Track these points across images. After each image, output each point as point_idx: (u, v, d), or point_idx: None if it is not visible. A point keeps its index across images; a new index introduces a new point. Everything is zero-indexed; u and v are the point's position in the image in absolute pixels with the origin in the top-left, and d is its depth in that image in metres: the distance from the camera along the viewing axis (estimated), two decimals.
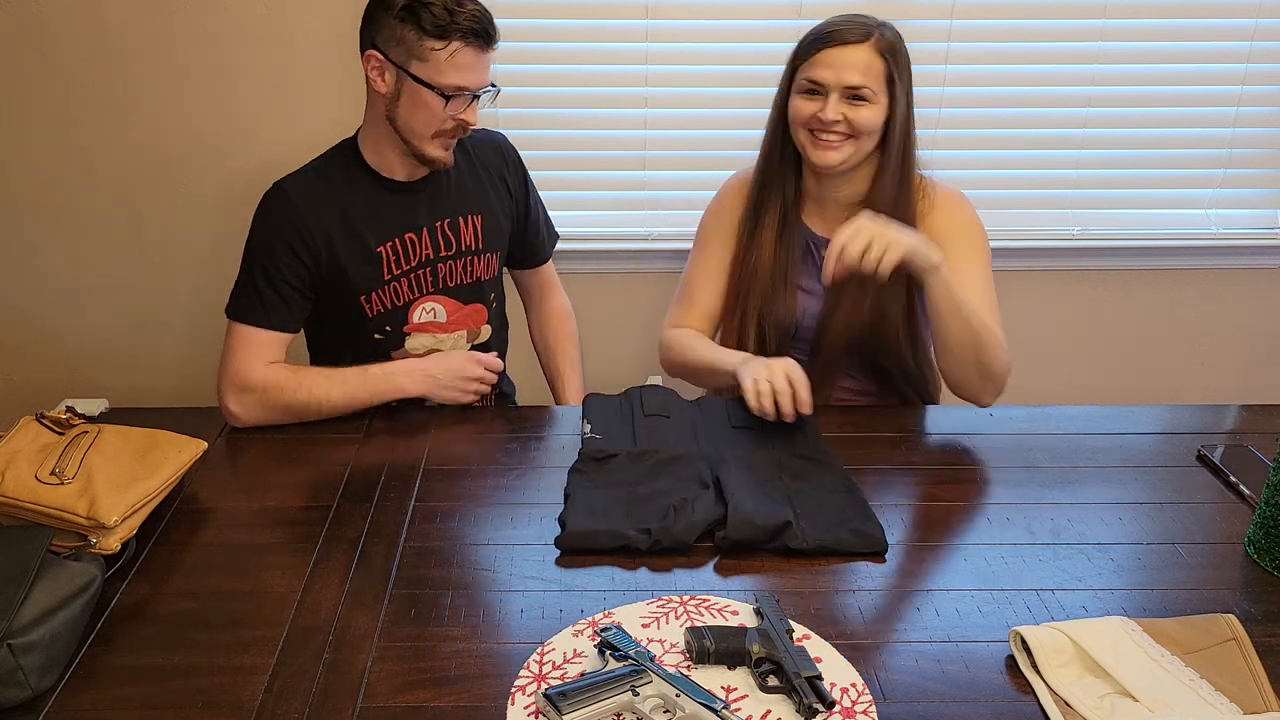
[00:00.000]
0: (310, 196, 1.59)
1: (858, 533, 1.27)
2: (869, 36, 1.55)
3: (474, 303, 1.74)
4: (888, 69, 1.55)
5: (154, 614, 1.15)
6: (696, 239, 1.78)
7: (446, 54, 1.49)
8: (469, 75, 1.51)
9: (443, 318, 1.71)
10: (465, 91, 1.52)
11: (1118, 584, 1.22)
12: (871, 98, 1.55)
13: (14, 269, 2.20)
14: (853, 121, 1.55)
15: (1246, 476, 1.42)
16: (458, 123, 1.55)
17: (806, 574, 1.22)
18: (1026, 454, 1.50)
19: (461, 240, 1.69)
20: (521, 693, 1.02)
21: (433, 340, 1.71)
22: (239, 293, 1.61)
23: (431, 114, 1.53)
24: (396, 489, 1.39)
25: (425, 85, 1.50)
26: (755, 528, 1.26)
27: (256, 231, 1.60)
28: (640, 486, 1.37)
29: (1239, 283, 2.37)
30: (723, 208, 1.75)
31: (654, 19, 2.10)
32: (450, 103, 1.52)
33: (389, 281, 1.64)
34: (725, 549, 1.26)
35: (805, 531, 1.27)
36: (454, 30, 1.47)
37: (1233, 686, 1.03)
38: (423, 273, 1.66)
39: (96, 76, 2.04)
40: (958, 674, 1.07)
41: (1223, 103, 2.22)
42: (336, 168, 1.62)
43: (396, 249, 1.63)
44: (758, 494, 1.33)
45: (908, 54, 1.59)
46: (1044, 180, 2.28)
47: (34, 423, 1.34)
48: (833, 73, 1.55)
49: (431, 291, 1.69)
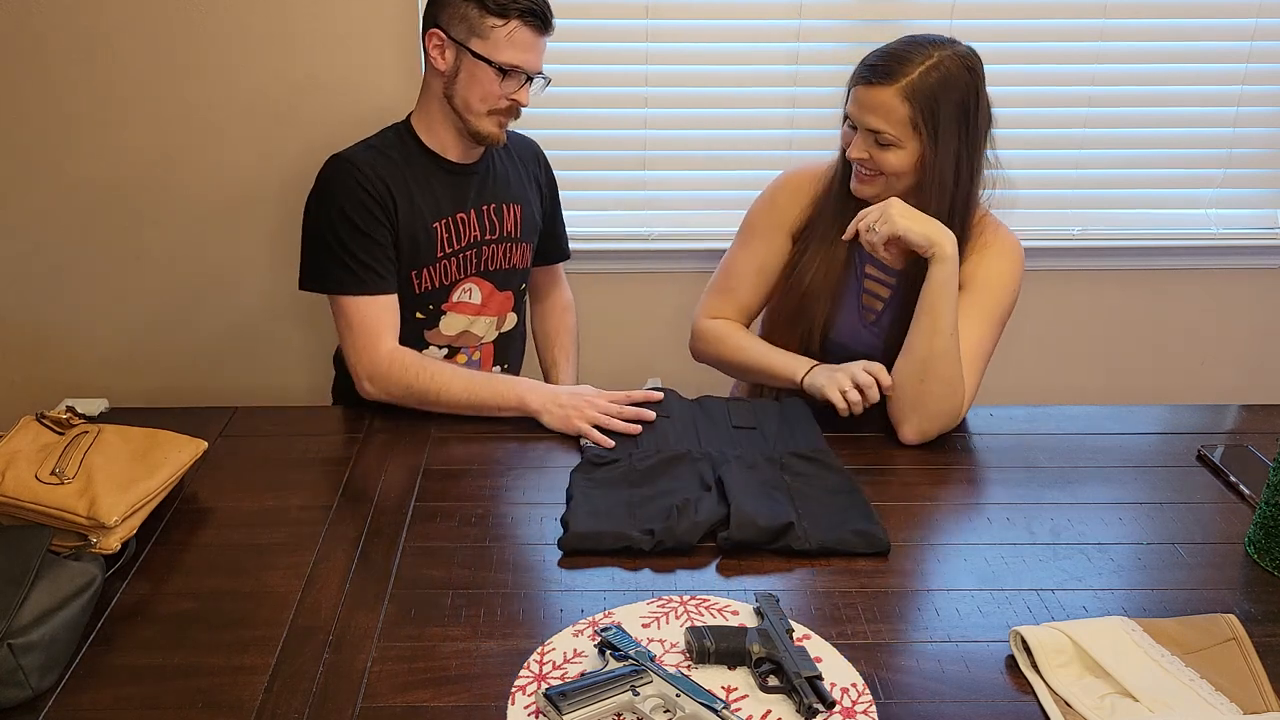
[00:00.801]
0: (374, 164, 1.62)
1: (860, 533, 1.27)
2: (900, 78, 1.46)
3: (506, 289, 1.79)
4: (913, 114, 1.47)
5: (154, 614, 1.15)
6: (742, 230, 1.74)
7: (505, 32, 1.55)
8: (525, 55, 1.58)
9: (478, 299, 1.75)
10: (519, 70, 1.58)
11: (1118, 584, 1.22)
12: (895, 142, 1.49)
13: (14, 269, 2.20)
14: (878, 161, 1.52)
15: (1246, 476, 1.42)
16: (511, 102, 1.61)
17: (807, 574, 1.22)
18: (1026, 454, 1.50)
19: (504, 225, 1.74)
20: (521, 693, 1.02)
21: (466, 322, 1.75)
22: (326, 267, 1.61)
23: (487, 90, 1.59)
24: (396, 489, 1.39)
25: (484, 60, 1.57)
26: (758, 529, 1.26)
27: (329, 203, 1.60)
28: (642, 488, 1.37)
29: (1239, 283, 2.37)
30: (776, 206, 1.70)
31: (654, 19, 2.10)
32: (506, 79, 1.58)
33: (440, 259, 1.68)
34: (727, 550, 1.26)
35: (808, 532, 1.27)
36: (514, 9, 1.55)
37: (1233, 686, 1.03)
38: (470, 254, 1.71)
39: (95, 75, 2.04)
40: (958, 674, 1.07)
41: (1223, 103, 2.22)
42: (392, 145, 1.67)
43: (450, 227, 1.67)
44: (760, 494, 1.33)
45: (966, 91, 1.48)
46: (1044, 180, 2.28)
47: (34, 423, 1.34)
48: (858, 111, 1.51)
49: (474, 273, 1.73)
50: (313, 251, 1.64)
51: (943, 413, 1.51)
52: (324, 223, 1.61)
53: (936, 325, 1.49)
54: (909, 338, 1.52)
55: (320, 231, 1.61)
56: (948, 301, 1.49)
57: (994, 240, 1.59)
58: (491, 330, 1.80)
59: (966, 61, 1.50)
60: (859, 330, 1.67)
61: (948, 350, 1.49)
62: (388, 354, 1.59)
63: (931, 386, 1.49)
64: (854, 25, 2.11)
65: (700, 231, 2.25)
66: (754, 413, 1.57)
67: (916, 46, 1.50)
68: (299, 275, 1.65)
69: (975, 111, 1.51)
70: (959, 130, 1.50)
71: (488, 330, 1.79)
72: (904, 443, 1.52)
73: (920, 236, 1.47)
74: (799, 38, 2.11)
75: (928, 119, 1.48)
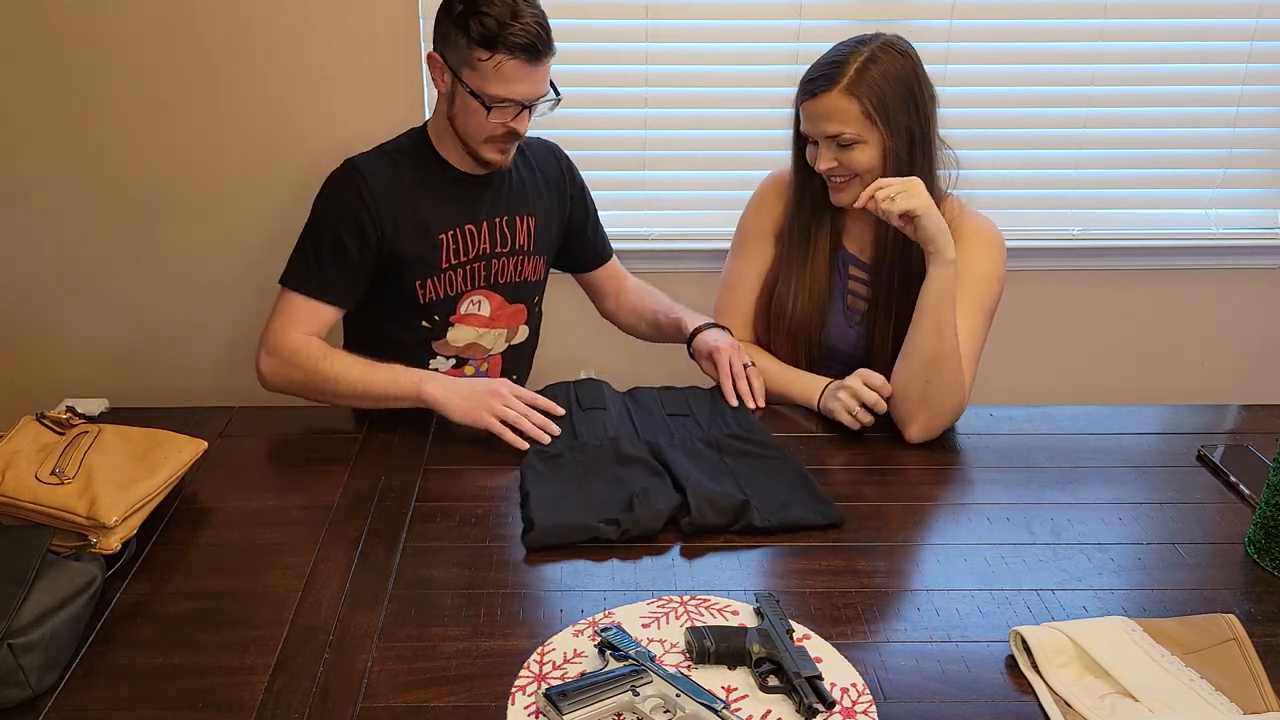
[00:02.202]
0: (381, 177, 1.61)
1: (811, 508, 1.32)
2: (839, 80, 1.50)
3: (518, 302, 1.77)
4: (864, 107, 1.50)
5: (154, 614, 1.15)
6: (737, 239, 1.76)
7: (492, 65, 1.50)
8: (514, 87, 1.52)
9: (487, 312, 1.73)
10: (509, 103, 1.53)
11: (1118, 584, 1.22)
12: (857, 138, 1.52)
13: (15, 269, 2.20)
14: (847, 165, 1.55)
15: (1246, 476, 1.42)
16: (508, 130, 1.57)
17: (807, 574, 1.22)
18: (1026, 454, 1.50)
19: (516, 239, 1.72)
20: (521, 693, 1.02)
21: (474, 334, 1.74)
22: (296, 261, 1.63)
23: (480, 122, 1.55)
24: (396, 489, 1.39)
25: (471, 93, 1.53)
26: (717, 509, 1.29)
27: (324, 205, 1.62)
28: (593, 480, 1.39)
29: (1239, 283, 2.37)
30: (765, 208, 1.72)
31: (654, 19, 2.10)
32: (493, 112, 1.53)
33: (445, 270, 1.66)
34: (690, 534, 1.28)
35: (761, 511, 1.30)
36: (500, 43, 1.48)
37: (1233, 686, 1.03)
38: (477, 266, 1.69)
39: (98, 78, 2.03)
40: (958, 674, 1.07)
41: (1223, 103, 2.22)
42: (407, 153, 1.66)
43: (457, 238, 1.66)
44: (709, 478, 1.36)
45: (907, 76, 1.52)
46: (1044, 180, 2.28)
47: (34, 423, 1.34)
48: (812, 124, 1.55)
49: (483, 285, 1.71)
50: (297, 244, 1.64)
51: (947, 410, 1.52)
52: (312, 218, 1.63)
53: (940, 326, 1.49)
54: (911, 339, 1.52)
55: (307, 225, 1.63)
56: (949, 302, 1.49)
57: (970, 229, 1.60)
58: (500, 342, 1.78)
59: (898, 46, 1.54)
60: (845, 330, 1.69)
61: (950, 350, 1.50)
62: (297, 340, 1.57)
63: (936, 387, 1.50)
64: (854, 25, 2.10)
65: (700, 231, 2.25)
66: (686, 400, 1.60)
67: (846, 48, 1.54)
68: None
69: (920, 90, 1.55)
70: (908, 110, 1.53)
71: (496, 342, 1.78)
72: (910, 442, 1.52)
73: (934, 227, 1.47)
74: (799, 38, 2.11)
75: (879, 108, 1.51)
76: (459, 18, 1.50)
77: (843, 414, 1.54)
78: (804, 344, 1.69)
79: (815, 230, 1.66)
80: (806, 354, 1.70)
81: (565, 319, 2.14)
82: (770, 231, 1.71)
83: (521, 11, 1.48)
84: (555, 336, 2.25)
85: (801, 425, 1.58)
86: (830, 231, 1.66)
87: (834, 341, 1.70)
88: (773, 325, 1.71)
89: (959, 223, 1.59)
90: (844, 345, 1.70)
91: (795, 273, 1.67)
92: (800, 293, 1.67)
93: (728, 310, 1.77)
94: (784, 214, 1.69)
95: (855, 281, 1.68)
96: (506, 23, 1.47)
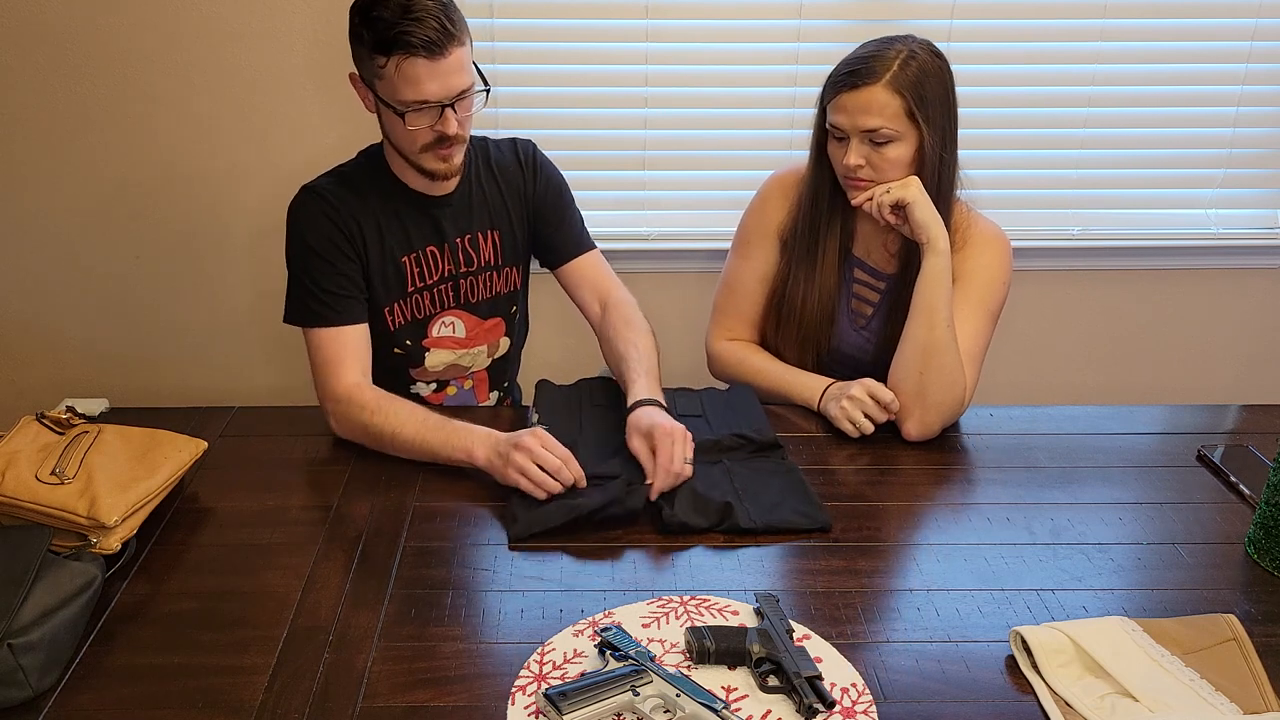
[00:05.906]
0: (342, 198, 1.54)
1: (800, 512, 1.32)
2: (884, 74, 1.48)
3: (494, 317, 1.71)
4: (907, 104, 1.49)
5: (154, 614, 1.15)
6: (738, 240, 1.75)
7: (392, 68, 1.39)
8: (423, 88, 1.40)
9: (461, 333, 1.68)
10: (423, 105, 1.42)
11: (1118, 584, 1.22)
12: (894, 136, 1.50)
13: (15, 269, 2.20)
14: (875, 164, 1.53)
15: (1246, 476, 1.42)
16: (437, 134, 1.46)
17: (807, 574, 1.22)
18: (1026, 454, 1.50)
19: (481, 256, 1.65)
20: (521, 693, 1.02)
21: (452, 355, 1.69)
22: (299, 299, 1.55)
23: (401, 131, 1.45)
24: (397, 489, 1.39)
25: (384, 103, 1.44)
26: (700, 508, 1.30)
27: (297, 235, 1.54)
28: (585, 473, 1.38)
29: (1239, 283, 2.36)
30: (767, 211, 1.71)
31: (654, 19, 2.10)
32: (408, 117, 1.42)
33: (411, 294, 1.61)
34: (674, 528, 1.28)
35: (749, 512, 1.31)
36: (395, 45, 1.37)
37: (1233, 686, 1.03)
38: (444, 288, 1.63)
39: (98, 79, 2.03)
40: (958, 674, 1.07)
41: (1223, 103, 2.22)
42: (363, 174, 1.58)
43: (421, 261, 1.59)
44: (702, 479, 1.37)
45: (943, 76, 1.52)
46: (1044, 180, 2.28)
47: (34, 423, 1.34)
48: (848, 117, 1.52)
49: (453, 306, 1.66)
50: (289, 284, 1.57)
51: (943, 404, 1.51)
52: (292, 255, 1.56)
53: (933, 317, 1.50)
54: (906, 329, 1.53)
55: (290, 264, 1.56)
56: (942, 292, 1.50)
57: (978, 232, 1.61)
58: (482, 359, 1.73)
59: (933, 49, 1.54)
60: (850, 334, 1.69)
61: (945, 340, 1.50)
62: (348, 389, 1.49)
63: (930, 377, 1.50)
64: (854, 25, 2.10)
65: (700, 231, 2.25)
66: (700, 401, 1.59)
67: (885, 45, 1.53)
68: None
69: (952, 95, 1.55)
70: (944, 113, 1.53)
71: (477, 360, 1.72)
72: (907, 439, 1.52)
73: (925, 216, 1.49)
74: (799, 38, 2.11)
75: (920, 105, 1.50)
76: (356, 28, 1.42)
77: (843, 422, 1.54)
78: (813, 346, 1.69)
79: (825, 231, 1.65)
80: (815, 356, 1.70)
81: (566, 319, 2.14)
82: (773, 232, 1.71)
83: (413, 6, 1.36)
84: (556, 336, 2.25)
85: (801, 425, 1.58)
86: (840, 233, 1.66)
87: (838, 344, 1.70)
88: (783, 326, 1.70)
89: (967, 226, 1.60)
90: (847, 348, 1.69)
91: (805, 274, 1.66)
92: (810, 294, 1.66)
93: (728, 310, 1.76)
94: (788, 215, 1.69)
95: (861, 285, 1.68)
96: (397, 21, 1.36)
